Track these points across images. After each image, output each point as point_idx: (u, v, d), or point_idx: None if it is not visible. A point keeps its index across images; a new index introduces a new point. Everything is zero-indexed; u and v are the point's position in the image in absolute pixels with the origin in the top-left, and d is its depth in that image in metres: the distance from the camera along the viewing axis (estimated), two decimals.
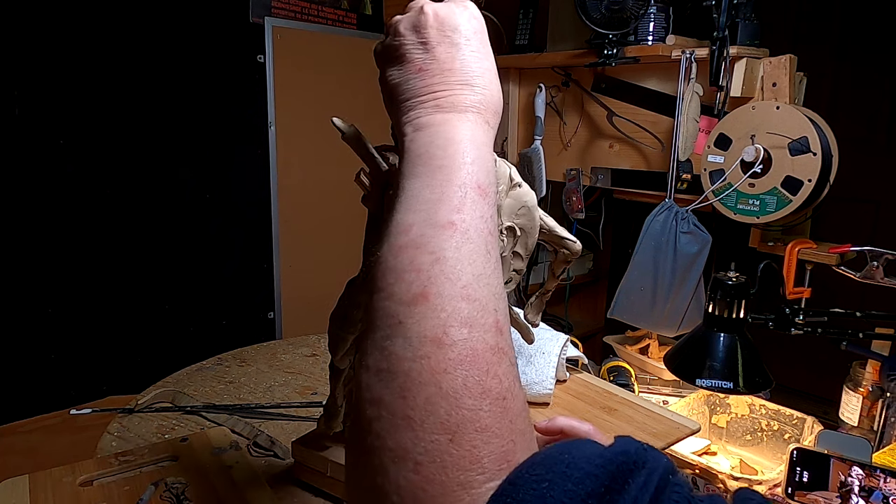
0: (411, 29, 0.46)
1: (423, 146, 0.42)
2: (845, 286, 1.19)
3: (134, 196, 1.69)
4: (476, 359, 0.33)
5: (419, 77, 0.45)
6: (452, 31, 0.45)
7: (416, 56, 0.45)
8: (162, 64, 1.69)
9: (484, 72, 0.46)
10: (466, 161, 0.41)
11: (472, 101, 0.44)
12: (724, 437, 1.28)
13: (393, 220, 0.40)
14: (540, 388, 1.01)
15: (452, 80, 0.44)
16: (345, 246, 2.01)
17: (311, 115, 1.98)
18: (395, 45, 0.46)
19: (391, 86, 0.46)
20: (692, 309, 1.44)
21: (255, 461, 0.84)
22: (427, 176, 0.41)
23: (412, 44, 0.45)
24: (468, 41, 0.46)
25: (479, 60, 0.46)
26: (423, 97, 0.44)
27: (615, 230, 2.40)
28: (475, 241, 0.38)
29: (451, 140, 0.42)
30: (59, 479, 0.77)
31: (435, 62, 0.45)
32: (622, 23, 1.47)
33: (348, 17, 2.03)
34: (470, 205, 0.39)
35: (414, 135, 0.43)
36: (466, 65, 0.45)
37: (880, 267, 1.09)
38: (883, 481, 0.80)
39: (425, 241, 0.37)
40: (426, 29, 0.45)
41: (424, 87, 0.45)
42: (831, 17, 2.40)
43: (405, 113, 0.45)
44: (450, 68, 0.45)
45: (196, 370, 1.18)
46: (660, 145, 1.56)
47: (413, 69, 0.45)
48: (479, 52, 0.46)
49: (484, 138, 0.44)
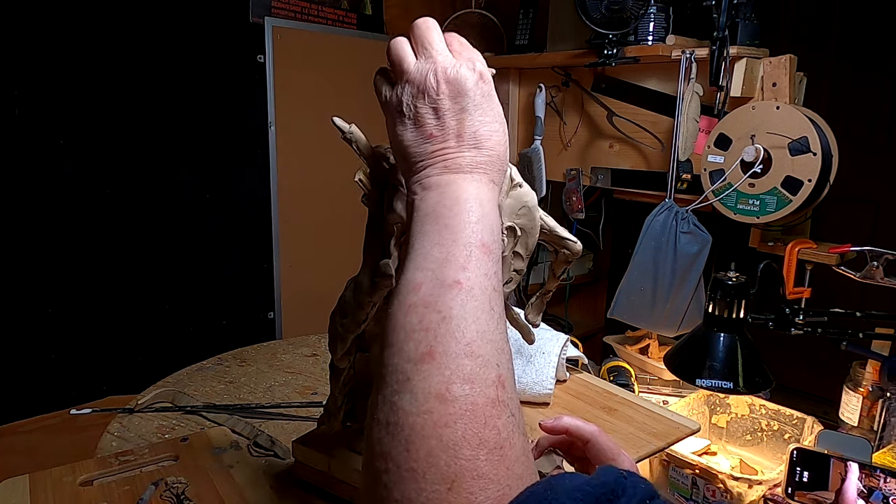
0: (423, 94, 0.47)
1: (431, 205, 0.45)
2: (845, 286, 1.19)
3: (134, 196, 1.69)
4: (475, 412, 0.36)
5: (430, 142, 0.47)
6: (462, 98, 0.47)
7: (427, 121, 0.47)
8: (162, 64, 1.69)
9: (491, 134, 0.48)
10: (472, 220, 0.44)
11: (478, 161, 0.47)
12: (724, 437, 1.28)
13: (404, 278, 0.42)
14: (540, 388, 1.01)
15: (461, 143, 0.47)
16: (345, 246, 2.02)
17: (311, 115, 1.98)
18: (406, 106, 0.48)
19: (403, 146, 0.48)
20: (692, 309, 1.44)
21: (255, 461, 0.84)
22: (435, 234, 0.44)
23: (424, 108, 0.47)
24: (477, 106, 0.48)
25: (487, 124, 0.48)
26: (432, 159, 0.47)
27: (615, 230, 2.40)
28: (479, 298, 0.40)
29: (457, 200, 0.45)
30: (59, 479, 0.77)
31: (445, 129, 0.47)
32: (622, 23, 1.47)
33: (348, 17, 2.03)
34: (475, 263, 0.42)
35: (423, 194, 0.46)
36: (474, 129, 0.47)
37: (880, 267, 1.09)
38: (883, 481, 0.80)
39: (433, 300, 0.40)
40: (438, 96, 0.47)
41: (434, 151, 0.47)
42: (831, 17, 2.40)
43: (416, 173, 0.47)
44: (459, 134, 0.47)
45: (196, 370, 1.18)
46: (660, 145, 1.56)
47: (424, 134, 0.47)
48: (488, 114, 0.48)
49: (489, 196, 0.46)
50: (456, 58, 0.49)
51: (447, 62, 0.48)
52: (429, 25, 0.50)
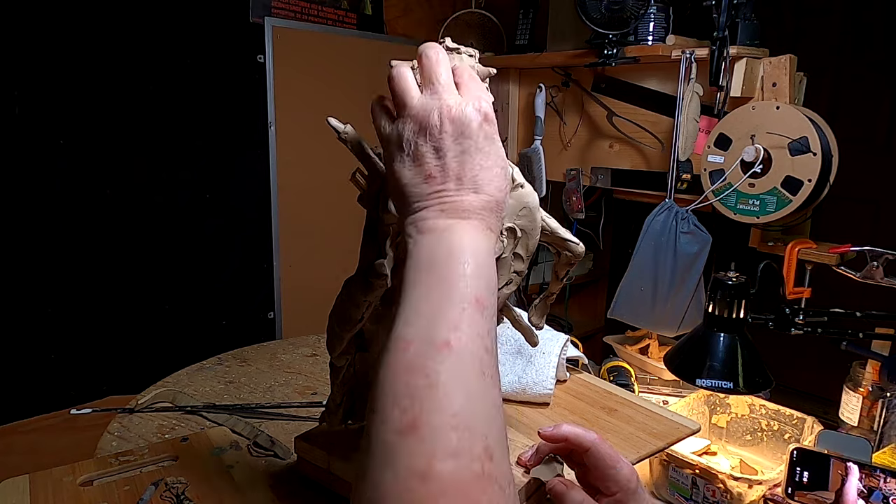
0: (425, 132, 0.46)
1: (425, 253, 0.44)
2: (845, 286, 1.19)
3: (134, 196, 1.69)
4: (458, 489, 0.35)
5: (428, 183, 0.46)
6: (466, 139, 0.46)
7: (427, 161, 0.46)
8: (162, 64, 1.69)
9: (492, 178, 0.47)
10: (466, 273, 0.42)
11: (476, 206, 0.46)
12: (724, 437, 1.28)
13: (394, 334, 0.41)
14: (540, 388, 1.01)
15: (460, 186, 0.46)
16: (345, 246, 2.01)
17: (311, 115, 1.98)
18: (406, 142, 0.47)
19: (400, 183, 0.47)
20: (692, 309, 1.44)
21: (255, 461, 0.84)
22: (428, 287, 0.42)
23: (425, 147, 0.46)
24: (479, 149, 0.46)
25: (489, 168, 0.47)
26: (429, 201, 0.46)
27: (615, 230, 2.40)
28: (469, 362, 0.39)
29: (452, 250, 0.43)
30: (59, 479, 0.77)
31: (445, 170, 0.46)
32: (622, 23, 1.47)
33: (348, 17, 2.03)
34: (467, 322, 0.40)
35: (418, 238, 0.45)
36: (475, 173, 0.46)
37: (880, 267, 1.09)
38: (883, 481, 0.80)
39: (421, 363, 0.38)
40: (440, 135, 0.46)
41: (432, 193, 0.46)
42: (831, 17, 2.40)
43: (411, 213, 0.46)
44: (459, 176, 0.46)
45: (196, 370, 1.18)
46: (660, 145, 1.56)
47: (423, 173, 0.46)
48: (490, 158, 0.47)
49: (486, 246, 0.45)
50: (462, 94, 0.48)
51: (453, 101, 0.46)
52: (438, 59, 0.49)
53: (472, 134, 0.46)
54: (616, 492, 0.55)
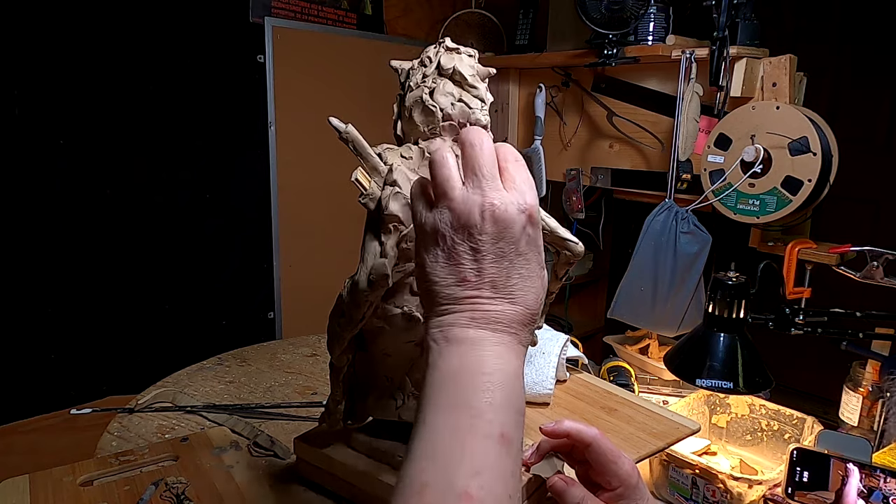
0: (464, 229, 0.43)
1: (452, 369, 0.41)
2: (845, 286, 1.19)
3: (134, 196, 1.69)
4: None
5: (462, 286, 0.43)
6: (506, 243, 0.43)
7: (463, 262, 0.43)
8: (162, 64, 1.69)
9: (530, 288, 0.44)
10: (494, 403, 0.40)
11: (510, 318, 0.43)
12: (724, 437, 1.28)
13: (409, 470, 0.39)
14: (540, 388, 1.01)
15: (495, 295, 0.43)
16: (345, 246, 2.01)
17: (311, 115, 1.98)
18: (441, 236, 0.44)
19: (430, 280, 0.44)
20: (692, 309, 1.44)
21: (255, 461, 0.84)
22: (451, 415, 0.40)
23: (462, 246, 0.43)
24: (520, 255, 0.43)
25: (527, 277, 0.44)
26: (461, 305, 0.43)
27: (615, 230, 2.40)
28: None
29: (480, 370, 0.41)
30: (59, 479, 0.77)
31: (481, 274, 0.43)
32: (622, 23, 1.47)
33: (348, 17, 2.03)
34: (491, 465, 0.38)
35: (444, 347, 0.42)
36: (513, 281, 0.43)
37: (880, 267, 1.09)
38: (883, 481, 0.80)
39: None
40: (481, 235, 0.42)
41: (465, 297, 0.43)
42: (831, 17, 2.40)
43: (439, 315, 0.44)
44: (495, 284, 0.43)
45: (196, 370, 1.18)
46: (660, 145, 1.56)
47: (458, 275, 0.43)
48: (530, 263, 0.44)
49: (515, 367, 0.43)
50: (506, 187, 0.44)
51: (497, 199, 0.43)
52: (483, 147, 0.45)
53: (514, 238, 0.43)
54: (617, 486, 0.55)
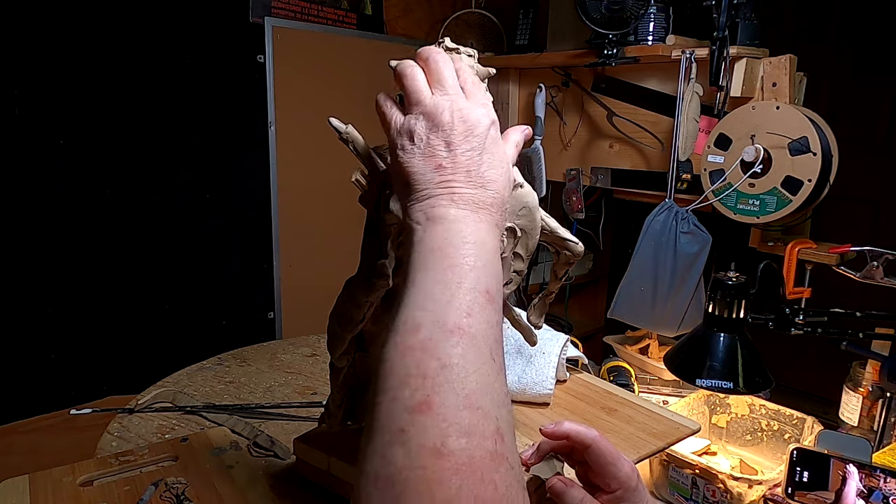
0: (437, 127, 0.48)
1: (436, 241, 0.44)
2: (845, 286, 1.19)
3: (134, 196, 1.69)
4: (472, 466, 0.35)
5: (438, 172, 0.47)
6: (474, 138, 0.48)
7: (438, 153, 0.47)
8: (162, 64, 1.69)
9: (498, 176, 0.48)
10: (478, 265, 0.43)
11: (485, 201, 0.47)
12: (724, 437, 1.28)
13: (401, 315, 0.41)
14: (540, 388, 1.01)
15: (469, 180, 0.47)
16: (345, 246, 2.01)
17: (311, 115, 1.98)
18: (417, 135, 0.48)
19: (407, 171, 0.48)
20: (692, 309, 1.44)
21: (255, 461, 0.84)
22: (438, 272, 0.42)
23: (436, 140, 0.47)
24: (486, 150, 0.48)
25: (495, 167, 0.48)
26: (440, 189, 0.46)
27: (615, 230, 2.41)
28: (481, 347, 0.40)
29: (464, 241, 0.44)
30: (59, 479, 0.77)
31: (455, 162, 0.47)
32: (622, 23, 1.47)
33: (348, 17, 2.03)
34: (479, 310, 0.41)
35: (427, 225, 0.45)
36: (483, 169, 0.48)
37: (880, 267, 1.09)
38: (883, 481, 0.80)
39: (433, 346, 0.39)
40: (451, 131, 0.47)
41: (442, 182, 0.47)
42: (831, 17, 2.40)
43: (419, 200, 0.47)
44: (467, 170, 0.47)
45: (196, 370, 1.18)
46: (660, 145, 1.56)
47: (433, 164, 0.47)
48: (495, 155, 0.49)
49: (494, 242, 0.46)
50: (469, 98, 0.50)
51: (463, 103, 0.49)
52: (445, 61, 0.51)
53: (480, 135, 0.48)
54: (616, 489, 0.55)
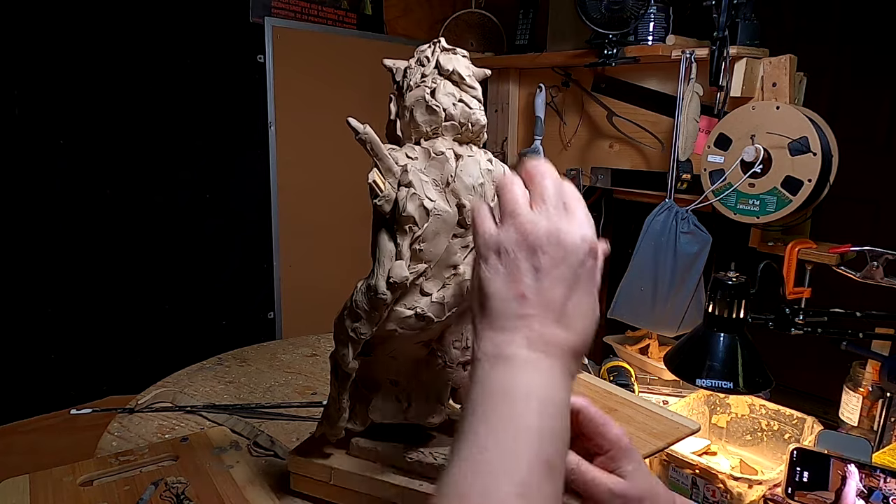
0: (528, 247, 0.44)
1: (500, 385, 0.41)
2: (845, 286, 1.19)
3: (134, 196, 1.69)
4: None
5: (519, 303, 0.43)
6: (568, 267, 0.44)
7: (523, 278, 0.43)
8: (162, 64, 1.69)
9: (584, 314, 0.44)
10: (544, 431, 0.40)
11: (562, 343, 0.43)
12: (724, 437, 1.28)
13: (450, 478, 0.38)
14: None
15: (551, 316, 0.43)
16: (345, 246, 2.01)
17: (311, 115, 1.98)
18: (504, 250, 0.44)
19: (487, 292, 0.44)
20: (692, 309, 1.44)
21: (255, 461, 0.84)
22: (497, 428, 0.39)
23: (524, 263, 0.44)
24: (579, 282, 0.44)
25: (584, 305, 0.44)
26: (516, 323, 0.43)
27: (615, 230, 2.40)
28: None
29: (528, 394, 0.41)
30: (59, 479, 0.77)
31: (540, 294, 0.43)
32: (622, 23, 1.47)
33: (348, 17, 2.03)
34: (536, 487, 0.37)
35: (494, 363, 0.42)
36: (570, 306, 0.43)
37: (880, 267, 1.09)
38: (883, 481, 0.80)
39: None
40: (542, 254, 0.43)
41: (521, 315, 0.43)
42: (831, 17, 2.40)
43: (492, 330, 0.43)
44: (552, 306, 0.43)
45: (196, 370, 1.18)
46: (660, 145, 1.56)
47: (516, 290, 0.43)
48: (589, 295, 0.45)
49: (564, 396, 0.43)
50: (570, 219, 0.45)
51: (563, 224, 0.44)
52: (554, 181, 0.47)
53: (574, 264, 0.44)
54: (608, 449, 0.54)
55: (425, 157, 0.65)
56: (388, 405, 0.73)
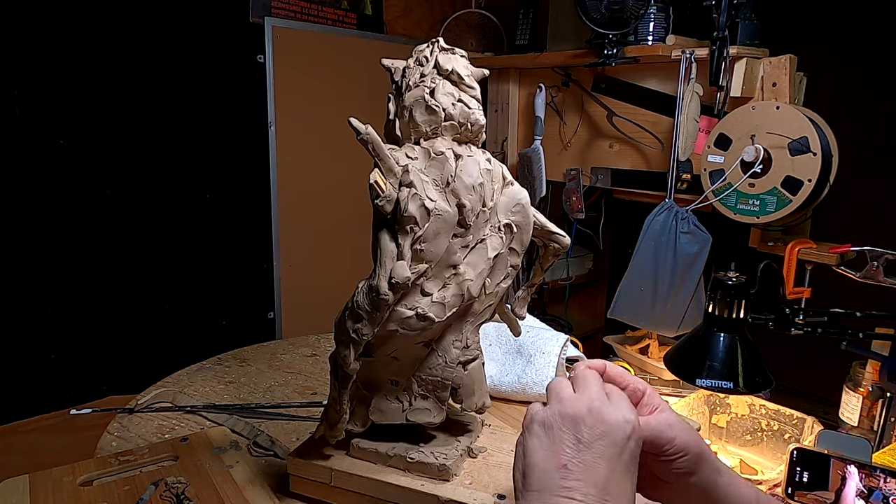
0: (572, 421, 0.46)
1: None
2: (845, 286, 1.19)
3: (134, 196, 1.69)
4: None
5: (560, 473, 0.45)
6: (610, 445, 0.45)
7: (565, 448, 0.45)
8: (162, 64, 1.69)
9: (627, 495, 0.45)
10: None
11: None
12: (724, 437, 1.28)
13: None
14: (540, 388, 1.01)
15: (593, 490, 0.44)
16: (344, 246, 2.02)
17: (311, 115, 1.98)
18: (547, 422, 0.47)
19: (530, 460, 0.47)
20: (692, 309, 1.44)
21: (255, 461, 0.84)
22: None
23: (567, 434, 0.46)
24: (621, 460, 0.45)
25: (627, 486, 0.45)
26: (554, 495, 0.44)
27: (615, 230, 2.40)
28: None
29: None
30: (59, 479, 0.77)
31: (580, 466, 0.45)
32: (622, 23, 1.47)
33: (348, 17, 2.03)
34: None
35: None
36: (611, 484, 0.45)
37: (880, 267, 1.09)
38: (883, 481, 0.80)
39: None
40: (583, 426, 0.46)
41: (561, 486, 0.44)
42: (831, 17, 2.40)
43: (530, 499, 0.45)
44: (594, 479, 0.44)
45: (196, 370, 1.18)
46: (660, 145, 1.56)
47: (557, 461, 0.45)
48: (629, 471, 0.46)
49: None
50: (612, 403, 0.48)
51: (604, 405, 0.47)
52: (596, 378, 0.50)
53: (616, 442, 0.45)
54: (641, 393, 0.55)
55: (425, 157, 0.65)
56: (389, 405, 0.73)
